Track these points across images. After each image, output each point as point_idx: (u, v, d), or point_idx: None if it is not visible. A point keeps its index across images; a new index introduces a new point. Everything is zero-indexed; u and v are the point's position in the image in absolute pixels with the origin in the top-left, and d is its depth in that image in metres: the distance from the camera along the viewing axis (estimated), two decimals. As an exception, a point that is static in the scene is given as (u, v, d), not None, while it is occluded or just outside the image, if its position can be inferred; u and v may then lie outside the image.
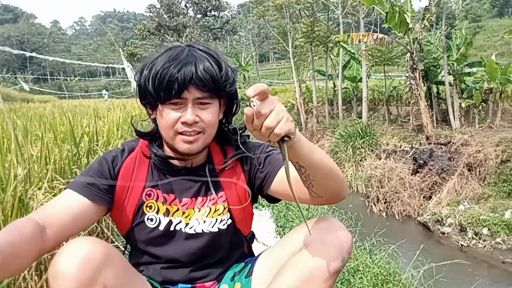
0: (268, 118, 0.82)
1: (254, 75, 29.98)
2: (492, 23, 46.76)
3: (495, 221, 6.56)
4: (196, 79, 1.03)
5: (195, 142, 1.08)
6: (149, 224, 1.15)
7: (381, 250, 3.81)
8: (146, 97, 1.09)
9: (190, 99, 1.05)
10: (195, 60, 1.04)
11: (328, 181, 1.04)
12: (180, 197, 1.17)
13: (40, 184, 1.98)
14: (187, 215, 1.17)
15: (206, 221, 1.18)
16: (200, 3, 28.16)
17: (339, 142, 11.31)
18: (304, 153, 0.93)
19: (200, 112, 1.07)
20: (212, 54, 1.09)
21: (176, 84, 1.02)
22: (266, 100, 0.83)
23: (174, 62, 1.03)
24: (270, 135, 0.83)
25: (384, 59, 12.45)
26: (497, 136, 8.39)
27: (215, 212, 1.18)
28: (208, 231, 1.17)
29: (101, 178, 1.12)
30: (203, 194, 1.19)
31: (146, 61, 1.10)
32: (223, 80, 1.08)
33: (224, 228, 1.19)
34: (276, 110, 0.83)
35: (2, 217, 1.61)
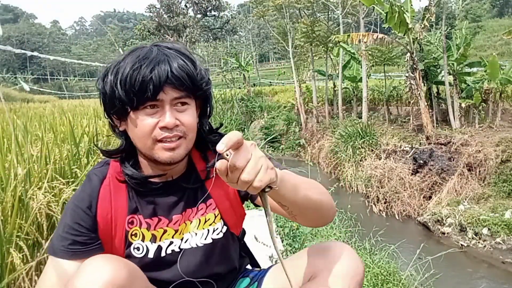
0: (244, 171, 0.72)
1: (254, 75, 29.95)
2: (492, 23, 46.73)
3: (495, 221, 6.56)
4: (172, 77, 0.93)
5: (177, 148, 0.97)
6: (136, 254, 1.05)
7: (381, 250, 3.81)
8: (114, 105, 0.96)
9: (167, 100, 0.94)
10: (168, 59, 0.95)
11: (313, 214, 0.98)
12: (169, 216, 1.06)
13: (40, 184, 1.97)
14: (180, 231, 1.07)
15: (198, 233, 1.09)
16: (200, 3, 28.13)
17: (339, 142, 11.31)
18: (286, 194, 0.86)
19: (179, 115, 0.96)
20: (183, 52, 1.00)
21: (150, 85, 0.91)
22: (240, 148, 0.73)
23: (145, 62, 0.93)
24: (248, 188, 0.75)
25: (384, 59, 12.45)
26: (497, 136, 8.39)
27: (205, 222, 1.10)
28: (202, 244, 1.09)
29: (80, 230, 1.00)
30: (191, 205, 1.09)
31: (109, 66, 0.99)
32: (199, 78, 0.98)
33: (220, 237, 1.11)
34: (253, 159, 0.73)
35: (2, 217, 1.61)
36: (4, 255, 1.55)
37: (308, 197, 0.92)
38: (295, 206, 0.91)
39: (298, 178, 0.95)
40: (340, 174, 10.69)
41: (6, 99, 10.29)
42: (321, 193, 0.98)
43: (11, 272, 1.55)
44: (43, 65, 71.89)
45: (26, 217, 1.76)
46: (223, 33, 32.35)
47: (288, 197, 0.87)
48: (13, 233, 1.62)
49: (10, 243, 1.59)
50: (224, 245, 1.14)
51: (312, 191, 0.95)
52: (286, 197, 0.87)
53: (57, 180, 2.14)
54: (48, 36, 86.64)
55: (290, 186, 0.87)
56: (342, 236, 3.99)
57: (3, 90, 19.72)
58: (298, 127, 16.05)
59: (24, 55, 58.53)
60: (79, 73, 74.08)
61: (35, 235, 1.76)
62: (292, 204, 0.90)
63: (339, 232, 4.10)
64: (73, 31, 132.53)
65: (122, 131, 1.04)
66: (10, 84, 35.12)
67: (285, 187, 0.85)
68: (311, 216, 0.99)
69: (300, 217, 0.97)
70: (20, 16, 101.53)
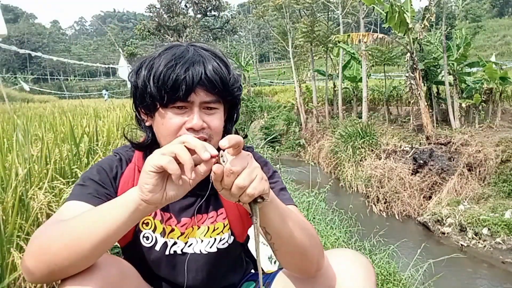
0: (240, 176, 0.72)
1: (254, 75, 29.98)
2: (492, 23, 46.77)
3: (495, 221, 6.57)
4: (205, 80, 0.92)
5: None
6: (144, 243, 1.04)
7: (381, 250, 3.82)
8: (144, 99, 0.96)
9: (197, 102, 0.93)
10: (203, 60, 0.94)
11: (294, 258, 0.92)
12: (179, 217, 1.06)
13: (40, 184, 1.98)
14: (185, 234, 1.06)
15: (204, 240, 1.07)
16: (200, 3, 28.15)
17: (339, 142, 11.32)
18: (273, 219, 0.83)
19: (206, 117, 0.95)
20: (218, 55, 0.99)
21: (183, 85, 0.90)
22: (238, 155, 0.73)
23: (180, 61, 0.92)
24: (241, 196, 0.74)
25: (384, 59, 12.46)
26: (497, 136, 8.40)
27: (214, 231, 1.08)
28: (206, 252, 1.07)
29: (103, 186, 0.99)
30: (203, 211, 1.08)
31: (143, 60, 0.98)
32: (231, 83, 0.98)
33: (224, 247, 1.09)
34: (249, 167, 0.74)
35: (3, 216, 1.61)
36: (5, 255, 1.55)
37: (294, 236, 0.87)
38: (278, 239, 0.87)
39: (290, 211, 0.90)
40: (340, 174, 10.70)
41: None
42: (309, 236, 0.92)
43: (12, 272, 1.55)
44: (43, 65, 71.92)
45: (27, 217, 1.76)
46: (223, 33, 32.36)
47: (273, 223, 0.84)
48: (13, 233, 1.62)
49: (10, 243, 1.59)
50: (227, 257, 1.12)
51: (301, 232, 0.89)
52: (272, 221, 0.83)
53: (57, 180, 2.14)
54: (48, 36, 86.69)
55: (279, 212, 0.84)
56: (342, 236, 3.99)
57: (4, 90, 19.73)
58: (298, 127, 16.06)
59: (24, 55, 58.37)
60: (79, 73, 74.13)
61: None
62: (276, 235, 0.86)
63: (339, 232, 4.10)
64: (73, 31, 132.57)
65: (148, 126, 1.03)
66: (10, 84, 35.13)
67: (274, 209, 0.83)
68: (292, 261, 0.94)
69: (280, 253, 0.92)
70: (20, 16, 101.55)
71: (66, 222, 0.81)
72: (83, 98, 22.24)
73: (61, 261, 0.76)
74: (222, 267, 1.12)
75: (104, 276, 0.81)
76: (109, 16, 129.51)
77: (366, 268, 0.98)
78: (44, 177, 2.05)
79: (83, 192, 0.96)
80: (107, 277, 0.82)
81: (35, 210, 1.78)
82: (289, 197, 1.09)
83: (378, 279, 3.14)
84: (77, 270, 0.79)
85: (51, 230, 0.80)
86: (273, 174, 1.13)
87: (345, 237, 4.12)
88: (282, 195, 1.06)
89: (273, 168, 1.15)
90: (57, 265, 0.77)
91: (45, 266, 0.77)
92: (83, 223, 0.79)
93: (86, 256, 0.78)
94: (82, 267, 0.79)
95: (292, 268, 0.99)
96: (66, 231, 0.78)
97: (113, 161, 1.06)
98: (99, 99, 21.02)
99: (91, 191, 0.96)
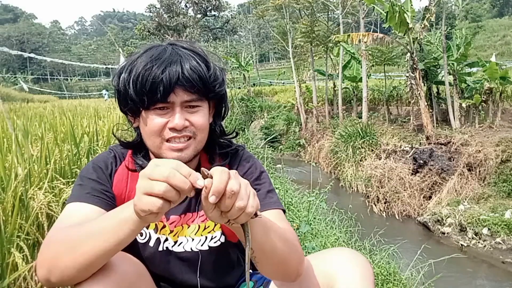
0: (239, 197, 0.70)
1: (254, 75, 29.98)
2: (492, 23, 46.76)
3: (495, 221, 6.57)
4: (183, 79, 0.91)
5: (185, 149, 0.97)
6: (139, 239, 1.04)
7: (381, 250, 3.82)
8: (127, 103, 0.96)
9: (178, 102, 0.93)
10: (180, 59, 0.93)
11: (273, 267, 0.93)
12: (168, 214, 1.05)
13: (40, 184, 1.97)
14: (175, 233, 1.06)
15: (195, 239, 1.06)
16: (200, 3, 28.15)
17: (339, 142, 11.32)
18: (256, 234, 0.81)
19: (189, 116, 0.96)
20: (197, 52, 0.98)
21: (161, 86, 0.90)
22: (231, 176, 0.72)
23: (157, 62, 0.92)
24: (239, 217, 0.72)
25: (384, 59, 12.46)
26: (497, 136, 8.40)
27: (204, 229, 1.07)
28: (198, 250, 1.06)
29: (100, 183, 1.00)
30: (192, 210, 1.07)
31: (124, 64, 0.99)
32: (212, 80, 0.97)
33: (217, 245, 1.08)
34: (242, 186, 0.72)
35: (3, 216, 1.61)
36: (5, 255, 1.55)
37: (275, 249, 0.87)
38: (261, 251, 0.86)
39: (271, 222, 0.89)
40: (340, 174, 10.70)
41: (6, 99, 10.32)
42: (289, 247, 0.91)
43: (12, 272, 1.55)
44: (43, 65, 71.92)
45: (27, 217, 1.76)
46: (223, 33, 32.37)
47: (256, 237, 0.82)
48: (13, 233, 1.62)
49: (10, 243, 1.59)
50: (219, 254, 1.10)
51: (281, 242, 0.89)
52: (255, 236, 0.82)
53: (57, 180, 2.13)
54: (48, 36, 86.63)
55: (262, 226, 0.83)
56: (342, 236, 3.99)
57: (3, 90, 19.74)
58: (298, 127, 16.06)
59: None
60: (79, 73, 74.10)
61: (36, 235, 1.76)
62: (259, 247, 0.85)
63: (339, 232, 4.10)
64: (73, 31, 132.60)
65: (136, 127, 1.05)
66: (10, 84, 35.12)
67: (258, 225, 0.81)
68: (271, 267, 0.93)
69: (261, 264, 0.91)
70: (20, 16, 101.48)
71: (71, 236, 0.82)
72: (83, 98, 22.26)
73: (72, 272, 0.80)
74: (217, 267, 1.11)
75: (121, 275, 0.83)
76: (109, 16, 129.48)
77: (364, 267, 0.98)
78: (44, 177, 2.04)
79: (82, 192, 0.98)
80: (124, 276, 0.84)
81: (35, 210, 1.77)
82: (276, 200, 1.07)
83: (378, 279, 3.14)
84: (90, 274, 0.82)
85: (58, 244, 0.83)
86: (260, 175, 1.11)
87: (345, 237, 4.12)
88: (269, 198, 1.06)
89: (260, 167, 1.13)
90: (69, 276, 0.80)
91: (59, 276, 0.80)
92: (87, 240, 0.80)
93: (95, 265, 0.81)
94: (94, 271, 0.82)
95: (271, 276, 0.99)
96: (72, 246, 0.80)
97: (108, 158, 1.07)
98: (99, 99, 21.02)
99: (89, 190, 0.98)
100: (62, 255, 0.80)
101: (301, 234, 3.10)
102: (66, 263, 0.79)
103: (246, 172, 1.10)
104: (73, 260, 0.79)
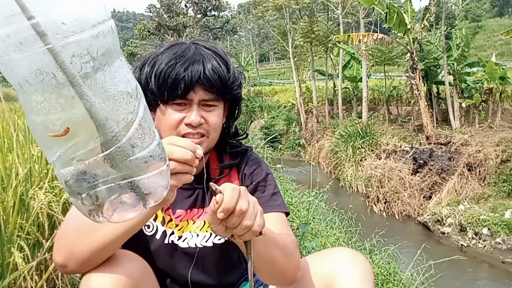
0: (246, 215, 0.71)
1: (254, 75, 29.97)
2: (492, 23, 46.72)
3: (495, 221, 6.57)
4: (204, 79, 0.95)
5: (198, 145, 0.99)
6: (146, 231, 1.05)
7: (381, 250, 3.81)
8: (146, 95, 0.90)
9: (196, 100, 0.97)
10: (203, 59, 0.96)
11: (271, 275, 0.95)
12: (174, 208, 1.07)
13: (41, 184, 1.97)
14: (180, 227, 1.07)
15: (200, 235, 1.07)
16: (200, 3, 28.17)
17: (339, 142, 11.32)
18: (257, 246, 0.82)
19: (205, 114, 0.99)
20: (219, 53, 1.01)
21: (182, 83, 0.94)
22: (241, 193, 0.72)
23: (181, 60, 0.95)
24: (245, 234, 0.73)
25: (384, 59, 12.47)
26: (497, 136, 8.40)
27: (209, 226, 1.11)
28: (202, 246, 1.07)
29: None
30: (198, 205, 1.08)
31: (147, 57, 1.02)
32: (231, 81, 1.00)
33: (221, 243, 1.08)
34: (251, 204, 0.72)
35: (3, 216, 1.61)
36: (5, 255, 1.55)
37: (274, 260, 0.89)
38: (261, 261, 0.86)
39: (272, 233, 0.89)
40: (340, 174, 10.70)
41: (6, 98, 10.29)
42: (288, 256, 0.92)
43: (12, 271, 1.55)
44: (43, 65, 71.91)
45: (27, 217, 1.76)
46: (223, 33, 32.37)
47: (258, 249, 0.83)
48: (14, 233, 1.62)
49: (11, 242, 1.59)
50: (223, 252, 1.10)
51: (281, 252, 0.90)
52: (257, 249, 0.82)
53: (57, 180, 2.13)
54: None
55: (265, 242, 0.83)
56: (342, 236, 3.99)
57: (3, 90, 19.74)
58: (298, 127, 16.06)
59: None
60: (79, 73, 74.02)
61: (36, 235, 1.76)
62: (259, 259, 0.85)
63: (339, 232, 4.09)
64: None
65: None
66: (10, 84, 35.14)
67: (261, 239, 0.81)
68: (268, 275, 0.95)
69: (259, 272, 0.93)
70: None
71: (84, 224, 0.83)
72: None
73: (87, 256, 0.84)
74: (220, 264, 1.11)
75: (128, 271, 0.86)
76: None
77: (364, 267, 0.98)
78: (45, 177, 2.04)
79: None
80: (131, 273, 0.86)
81: (35, 210, 1.77)
82: (280, 203, 1.08)
83: (378, 279, 3.14)
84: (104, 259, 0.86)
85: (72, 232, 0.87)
86: (266, 177, 1.11)
87: (345, 237, 4.12)
88: (273, 201, 1.07)
89: (266, 169, 1.14)
90: (83, 260, 0.84)
91: (74, 262, 0.85)
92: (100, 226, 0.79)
93: (107, 251, 0.85)
94: (107, 256, 0.86)
95: (268, 282, 1.01)
96: (85, 233, 0.84)
97: None
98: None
99: None
100: (76, 242, 0.84)
101: (300, 234, 3.10)
102: (81, 248, 0.83)
103: (252, 173, 1.12)
104: (87, 245, 0.83)
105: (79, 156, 0.34)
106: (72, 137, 0.33)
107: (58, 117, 0.31)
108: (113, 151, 0.34)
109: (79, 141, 0.33)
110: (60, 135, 0.32)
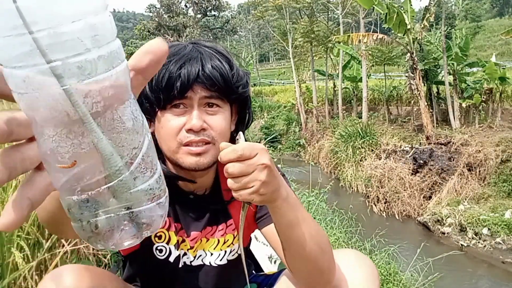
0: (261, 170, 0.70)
1: (254, 75, 29.98)
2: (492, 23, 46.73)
3: (495, 221, 6.57)
4: (203, 77, 0.85)
5: (204, 154, 0.87)
6: (158, 255, 1.00)
7: (381, 250, 3.82)
8: (142, 103, 0.88)
9: (196, 99, 0.86)
10: (201, 56, 0.87)
11: (302, 265, 0.87)
12: (188, 230, 1.01)
13: (40, 184, 1.97)
14: (195, 248, 1.02)
15: (214, 254, 1.03)
16: (200, 3, 28.20)
17: (339, 142, 11.32)
18: (279, 223, 0.79)
19: (208, 117, 0.88)
20: (221, 51, 0.92)
21: (177, 82, 0.84)
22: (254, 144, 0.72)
23: (174, 58, 0.85)
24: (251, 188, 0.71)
25: (384, 59, 12.48)
26: (497, 136, 8.40)
27: (224, 244, 1.04)
28: (216, 265, 1.03)
29: None
30: (212, 224, 1.03)
31: None
32: (235, 80, 0.89)
33: (234, 258, 1.06)
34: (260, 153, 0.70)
35: (3, 216, 1.61)
36: (5, 255, 1.55)
37: (302, 241, 0.81)
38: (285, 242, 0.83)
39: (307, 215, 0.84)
40: (340, 174, 10.70)
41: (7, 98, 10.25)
42: (322, 250, 0.85)
43: (12, 271, 1.55)
44: (43, 65, 72.01)
45: (27, 217, 1.76)
46: (223, 33, 32.39)
47: (280, 227, 0.80)
48: (13, 233, 1.62)
49: (11, 242, 1.59)
50: (235, 266, 1.07)
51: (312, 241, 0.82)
52: (279, 225, 0.79)
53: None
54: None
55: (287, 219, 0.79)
56: (342, 237, 3.99)
57: (3, 90, 19.76)
58: (298, 127, 16.07)
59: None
60: (79, 73, 74.12)
61: (36, 235, 1.76)
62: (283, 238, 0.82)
63: (339, 232, 4.09)
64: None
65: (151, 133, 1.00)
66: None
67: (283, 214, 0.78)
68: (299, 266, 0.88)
69: (287, 257, 0.87)
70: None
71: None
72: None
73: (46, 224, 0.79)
74: (230, 276, 1.10)
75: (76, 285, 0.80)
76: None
77: (371, 273, 0.95)
78: (45, 177, 2.04)
79: None
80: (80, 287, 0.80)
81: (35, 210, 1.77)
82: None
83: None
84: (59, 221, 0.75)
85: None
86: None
87: (345, 237, 4.12)
88: None
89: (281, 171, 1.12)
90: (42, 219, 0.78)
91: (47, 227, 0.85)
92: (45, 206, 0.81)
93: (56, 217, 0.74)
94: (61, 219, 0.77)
95: (298, 277, 0.93)
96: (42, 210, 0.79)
97: None
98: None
99: None
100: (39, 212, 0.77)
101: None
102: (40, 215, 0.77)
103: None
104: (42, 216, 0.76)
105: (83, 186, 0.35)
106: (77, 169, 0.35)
107: (67, 151, 0.32)
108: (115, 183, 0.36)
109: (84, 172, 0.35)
110: (67, 167, 0.33)
